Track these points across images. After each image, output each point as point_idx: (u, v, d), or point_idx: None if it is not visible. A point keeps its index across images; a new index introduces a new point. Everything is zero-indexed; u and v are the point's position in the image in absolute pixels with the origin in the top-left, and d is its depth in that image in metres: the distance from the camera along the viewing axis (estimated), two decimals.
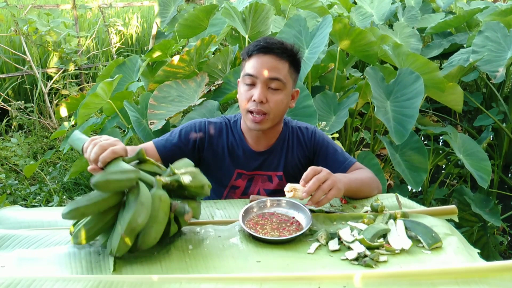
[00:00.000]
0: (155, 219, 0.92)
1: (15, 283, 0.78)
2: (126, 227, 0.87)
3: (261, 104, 1.27)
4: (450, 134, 2.33)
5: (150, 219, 0.91)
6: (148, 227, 0.91)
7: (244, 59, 1.34)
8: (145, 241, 0.91)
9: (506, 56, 2.78)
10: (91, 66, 4.68)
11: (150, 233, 0.91)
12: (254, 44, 1.31)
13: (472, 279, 0.80)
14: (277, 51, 1.27)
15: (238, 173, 1.40)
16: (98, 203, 0.90)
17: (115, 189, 0.91)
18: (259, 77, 1.27)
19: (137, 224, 0.88)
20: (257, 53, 1.28)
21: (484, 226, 2.31)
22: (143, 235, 0.90)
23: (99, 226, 0.93)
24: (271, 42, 1.29)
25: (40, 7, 4.33)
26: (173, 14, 3.94)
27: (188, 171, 1.03)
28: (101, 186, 0.88)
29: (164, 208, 0.94)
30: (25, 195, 2.89)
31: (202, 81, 2.37)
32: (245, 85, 1.31)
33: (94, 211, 0.91)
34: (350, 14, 4.13)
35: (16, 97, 4.27)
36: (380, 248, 0.94)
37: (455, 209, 1.10)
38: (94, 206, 0.89)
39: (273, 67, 1.27)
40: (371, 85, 2.19)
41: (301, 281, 0.81)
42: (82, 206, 0.88)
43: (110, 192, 0.91)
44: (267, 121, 1.29)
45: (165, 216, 0.94)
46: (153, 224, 0.91)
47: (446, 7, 4.96)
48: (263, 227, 1.04)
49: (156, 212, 0.92)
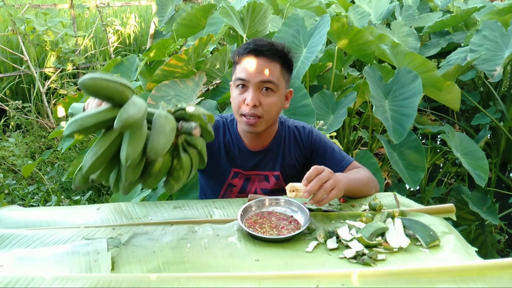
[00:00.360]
0: (162, 131, 0.89)
1: (13, 283, 0.78)
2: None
3: (254, 107, 1.26)
4: (448, 133, 2.34)
5: (156, 132, 0.89)
6: (155, 136, 0.88)
7: (235, 62, 1.33)
8: (154, 149, 0.87)
9: (503, 55, 2.79)
10: (89, 65, 4.67)
11: (158, 140, 0.87)
12: (243, 46, 1.30)
13: (470, 277, 0.80)
14: (268, 53, 1.26)
15: (234, 172, 1.40)
16: (95, 114, 0.87)
17: (103, 93, 0.87)
18: (251, 80, 1.26)
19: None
20: (248, 56, 1.27)
21: (482, 225, 2.32)
22: (151, 143, 0.87)
23: (101, 160, 0.89)
24: (261, 44, 1.27)
25: (38, 6, 4.32)
26: (171, 13, 3.94)
27: (191, 105, 1.00)
28: (87, 85, 0.84)
29: (170, 124, 0.91)
30: (23, 195, 2.89)
31: (200, 81, 2.37)
32: (237, 88, 1.30)
33: (92, 123, 0.87)
34: (348, 13, 4.14)
35: (14, 97, 4.26)
36: (378, 247, 0.94)
37: (453, 207, 1.11)
38: (92, 117, 0.86)
39: (263, 69, 1.26)
40: (369, 84, 2.19)
41: (300, 280, 0.81)
42: (80, 118, 0.86)
43: (100, 97, 0.88)
44: (261, 124, 1.29)
45: (171, 132, 0.91)
46: (160, 136, 0.88)
47: (443, 6, 4.97)
48: (261, 226, 1.04)
49: (162, 126, 0.90)
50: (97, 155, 0.88)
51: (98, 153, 0.88)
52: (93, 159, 0.88)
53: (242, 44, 1.34)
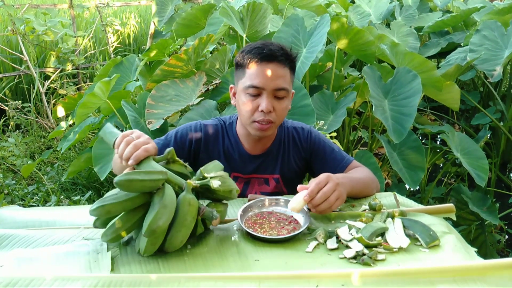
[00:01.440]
0: (183, 222, 0.92)
1: (13, 283, 0.78)
2: (146, 229, 0.87)
3: (268, 113, 1.25)
4: (448, 133, 2.34)
5: (177, 223, 0.91)
6: (176, 231, 0.91)
7: (241, 65, 1.28)
8: (172, 244, 0.92)
9: (503, 55, 2.79)
10: (89, 65, 4.67)
11: (177, 236, 0.91)
12: (254, 50, 1.24)
13: (470, 277, 0.80)
14: (281, 58, 1.24)
15: (234, 176, 1.39)
16: (124, 202, 0.90)
17: (137, 190, 0.91)
18: (266, 88, 1.23)
19: (158, 226, 0.87)
20: (261, 62, 1.23)
21: (482, 225, 2.32)
22: (170, 238, 0.91)
23: (127, 226, 0.93)
24: (274, 50, 1.23)
25: (37, 6, 4.32)
26: (170, 13, 3.94)
27: (217, 175, 1.03)
28: (123, 186, 0.88)
29: (192, 213, 0.94)
30: (23, 195, 2.89)
31: (200, 81, 2.37)
32: (247, 95, 1.26)
33: (120, 210, 0.91)
34: (348, 13, 4.13)
35: (14, 97, 4.26)
36: (378, 247, 0.94)
37: (452, 207, 1.11)
38: (120, 205, 0.90)
39: (277, 76, 1.23)
40: (369, 84, 2.19)
41: (300, 280, 0.81)
42: (108, 204, 0.89)
43: (134, 192, 0.91)
44: (271, 128, 1.29)
45: (192, 220, 0.94)
46: (181, 228, 0.92)
47: (443, 6, 4.97)
48: (261, 226, 1.04)
49: (184, 216, 0.92)
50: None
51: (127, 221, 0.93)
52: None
53: (247, 45, 1.30)
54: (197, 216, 0.95)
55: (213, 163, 1.10)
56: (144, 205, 0.93)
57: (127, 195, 0.91)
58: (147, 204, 0.93)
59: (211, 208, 1.00)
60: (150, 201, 0.93)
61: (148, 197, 0.94)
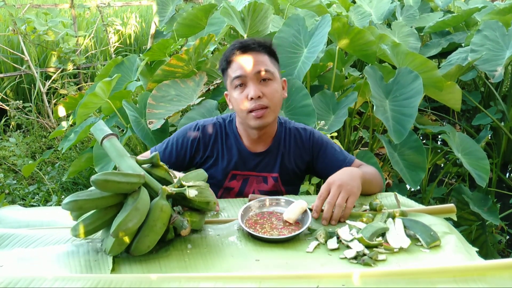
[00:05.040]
0: (152, 228, 0.92)
1: (14, 283, 0.78)
2: (115, 229, 0.87)
3: (259, 99, 1.28)
4: (449, 133, 2.34)
5: (146, 228, 0.91)
6: (143, 235, 0.91)
7: (224, 69, 1.35)
8: (138, 248, 0.91)
9: (504, 55, 2.79)
10: (90, 65, 4.67)
11: (144, 241, 0.91)
12: (230, 49, 1.33)
13: (471, 277, 0.80)
14: (253, 46, 1.30)
15: (232, 174, 1.40)
16: (97, 200, 0.90)
17: (113, 191, 0.91)
18: (248, 75, 1.28)
19: (127, 228, 0.88)
20: (237, 55, 1.30)
21: (483, 225, 2.31)
22: (137, 242, 0.91)
23: (98, 223, 0.93)
24: (247, 41, 1.32)
25: (38, 6, 4.32)
26: (171, 13, 3.93)
27: (196, 185, 1.02)
28: (99, 185, 0.89)
29: (163, 219, 0.93)
30: (24, 195, 2.89)
31: (201, 81, 2.37)
32: (236, 89, 1.31)
33: (92, 207, 0.92)
34: (349, 13, 4.13)
35: (15, 97, 4.26)
36: (378, 247, 0.94)
37: (453, 207, 1.11)
38: (92, 202, 0.90)
39: (256, 61, 1.29)
40: (370, 84, 2.19)
41: (300, 280, 0.81)
42: (81, 200, 0.89)
43: (109, 192, 0.91)
44: (269, 114, 1.30)
45: (163, 226, 0.93)
46: (149, 233, 0.91)
47: (444, 6, 4.97)
48: (262, 226, 1.04)
49: (154, 221, 0.92)
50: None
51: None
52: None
53: (224, 51, 1.38)
54: (168, 223, 0.95)
55: (196, 172, 1.10)
56: (117, 205, 0.93)
57: (101, 193, 0.91)
58: (120, 204, 0.93)
59: (185, 217, 0.98)
60: (123, 201, 0.93)
61: (122, 197, 0.94)
